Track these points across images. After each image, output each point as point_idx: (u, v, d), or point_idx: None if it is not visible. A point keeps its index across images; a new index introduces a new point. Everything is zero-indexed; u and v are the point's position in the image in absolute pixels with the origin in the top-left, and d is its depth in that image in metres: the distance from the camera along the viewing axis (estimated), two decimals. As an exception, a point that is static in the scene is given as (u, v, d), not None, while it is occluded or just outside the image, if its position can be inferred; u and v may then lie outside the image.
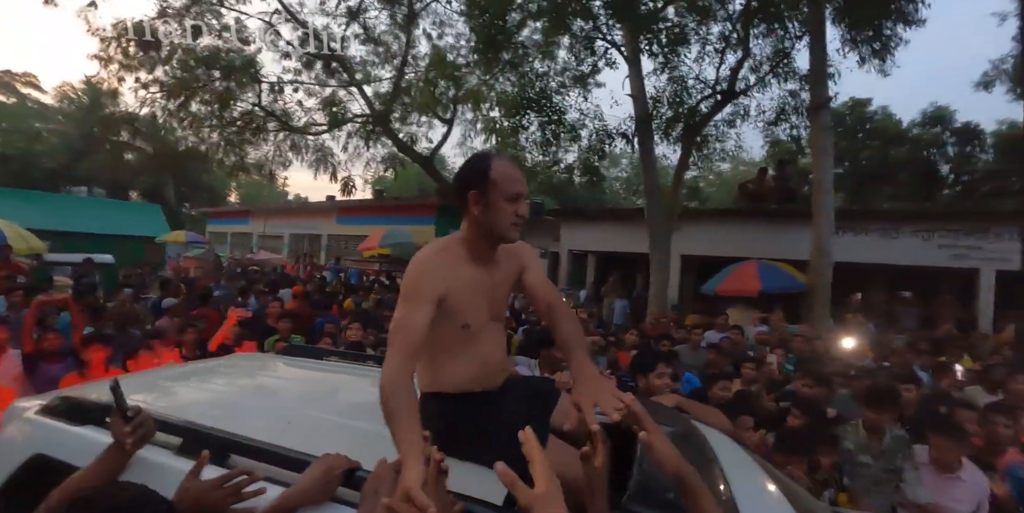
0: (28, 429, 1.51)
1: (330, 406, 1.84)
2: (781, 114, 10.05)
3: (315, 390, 2.06)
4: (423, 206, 16.09)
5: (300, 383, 2.15)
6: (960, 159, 19.38)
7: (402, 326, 1.31)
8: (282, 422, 1.51)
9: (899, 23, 9.21)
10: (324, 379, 2.22)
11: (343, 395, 2.04)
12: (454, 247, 1.46)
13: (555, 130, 9.07)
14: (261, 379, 2.19)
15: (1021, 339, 7.49)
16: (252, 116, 11.16)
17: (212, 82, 10.61)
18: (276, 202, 32.10)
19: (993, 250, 8.93)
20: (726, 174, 30.72)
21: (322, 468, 1.15)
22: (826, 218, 7.80)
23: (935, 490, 2.75)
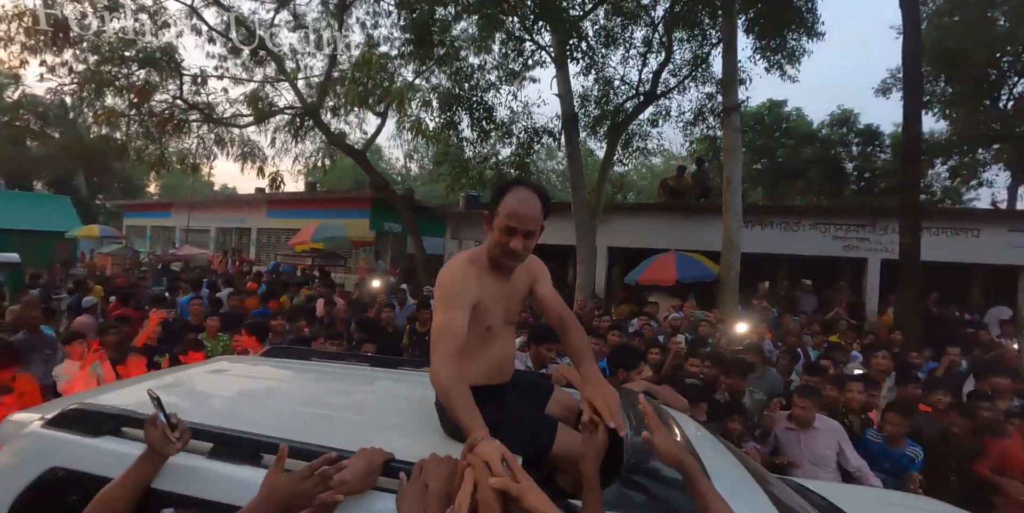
0: (39, 443, 1.46)
1: (334, 404, 1.89)
2: (699, 115, 10.72)
3: (314, 389, 2.10)
4: (357, 199, 15.86)
5: (297, 383, 2.19)
6: (862, 158, 21.13)
7: (447, 329, 1.45)
8: (297, 421, 1.56)
9: (803, 35, 10.04)
10: (319, 378, 2.27)
11: (343, 393, 2.09)
12: (480, 259, 1.62)
13: (485, 127, 9.29)
14: (258, 381, 2.20)
15: (900, 319, 8.44)
16: (173, 109, 10.64)
17: (129, 73, 10.03)
18: (201, 194, 30.57)
19: (878, 241, 10.01)
20: (658, 169, 31.98)
21: (364, 461, 1.22)
22: (735, 213, 8.48)
23: (803, 444, 3.26)
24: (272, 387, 2.14)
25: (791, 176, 20.97)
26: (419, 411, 1.73)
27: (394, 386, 2.23)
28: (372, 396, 2.12)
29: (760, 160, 21.74)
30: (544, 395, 1.91)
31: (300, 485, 1.14)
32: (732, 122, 8.72)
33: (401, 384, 2.23)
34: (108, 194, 30.26)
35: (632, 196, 30.39)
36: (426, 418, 1.65)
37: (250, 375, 2.31)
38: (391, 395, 2.10)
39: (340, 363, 2.51)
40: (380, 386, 2.25)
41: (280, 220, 17.92)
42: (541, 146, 10.04)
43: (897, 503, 2.68)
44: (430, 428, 1.60)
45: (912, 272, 8.03)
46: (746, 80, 10.17)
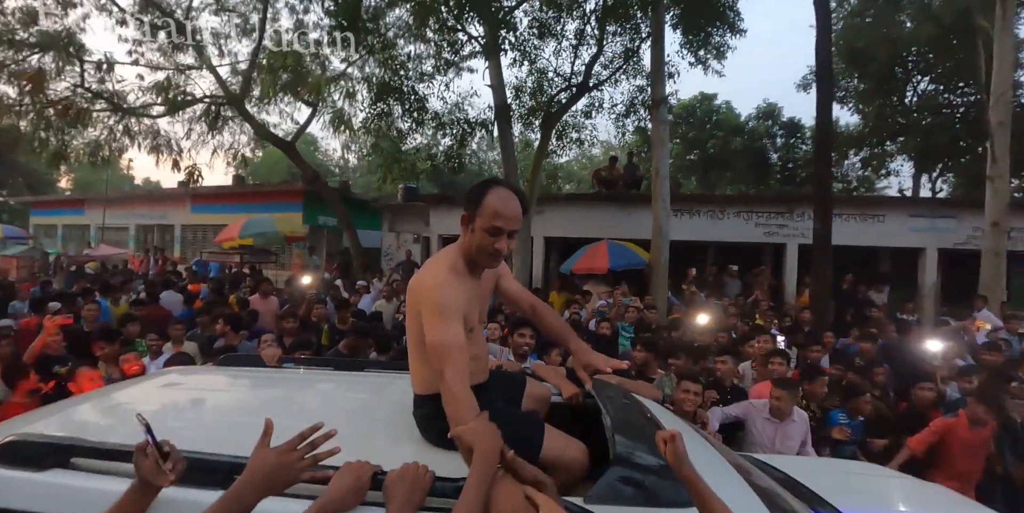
0: None
1: (306, 413, 1.78)
2: (630, 107, 10.96)
3: (282, 399, 2.00)
4: (289, 192, 15.26)
5: (262, 393, 2.09)
6: (785, 149, 22.29)
7: (452, 344, 1.42)
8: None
9: (726, 32, 10.42)
10: (284, 386, 2.17)
11: (313, 401, 2.02)
12: (457, 264, 1.57)
13: (417, 117, 9.14)
14: (219, 395, 2.09)
15: (813, 300, 9.00)
16: (75, 97, 9.79)
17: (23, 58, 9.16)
18: (119, 189, 28.56)
19: (795, 227, 10.61)
20: (597, 160, 32.56)
21: (352, 476, 1.17)
22: (663, 202, 8.75)
23: (779, 436, 3.37)
24: (237, 399, 2.03)
25: (721, 166, 21.84)
26: (395, 416, 1.68)
27: (364, 390, 2.16)
28: (345, 402, 2.04)
29: (693, 151, 22.51)
30: (519, 389, 1.92)
31: (285, 456, 1.12)
32: (660, 114, 8.97)
33: (370, 387, 2.18)
34: (11, 190, 27.78)
35: (572, 186, 30.85)
36: (404, 423, 1.62)
37: (208, 387, 2.17)
38: (363, 400, 2.04)
39: (301, 368, 2.42)
40: (351, 391, 2.17)
41: (206, 216, 17.03)
42: (480, 137, 10.01)
43: (852, 471, 2.83)
44: (409, 434, 1.56)
45: (824, 256, 8.56)
46: (674, 74, 10.45)
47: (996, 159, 9.38)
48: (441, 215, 11.76)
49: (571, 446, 1.59)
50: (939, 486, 2.80)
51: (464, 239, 1.57)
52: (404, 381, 2.20)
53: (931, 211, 11.14)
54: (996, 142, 9.39)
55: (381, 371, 2.42)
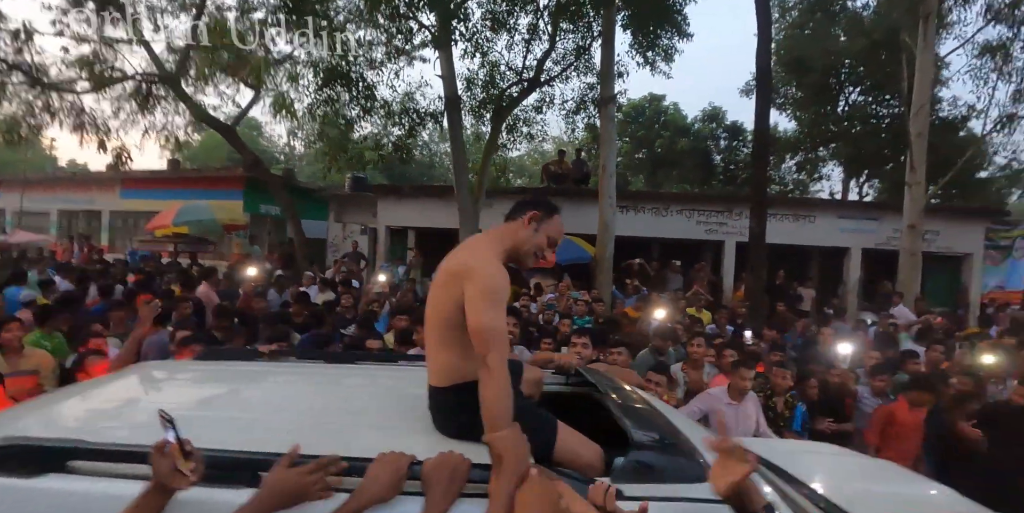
0: None
1: (314, 407, 1.73)
2: (581, 104, 11.11)
3: (285, 393, 1.93)
4: (229, 179, 14.58)
5: (261, 388, 1.99)
6: (728, 151, 23.19)
7: (500, 329, 1.43)
8: (280, 432, 1.40)
9: (674, 35, 10.70)
10: (283, 380, 2.08)
11: (317, 394, 1.93)
12: (500, 255, 1.59)
13: (366, 105, 8.94)
14: (210, 389, 1.98)
15: (749, 295, 9.45)
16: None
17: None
18: (40, 170, 26.51)
19: (734, 226, 11.09)
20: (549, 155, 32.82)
21: (390, 467, 1.18)
22: (609, 198, 8.95)
23: (739, 418, 3.53)
24: (234, 394, 1.93)
25: (668, 165, 22.50)
26: (407, 407, 1.66)
27: (366, 382, 2.13)
28: (350, 394, 1.98)
29: (641, 149, 23.08)
30: (518, 376, 1.90)
31: (304, 479, 1.11)
32: (608, 112, 9.16)
33: (371, 379, 2.14)
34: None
35: (523, 181, 30.99)
36: (416, 413, 1.60)
37: (199, 382, 2.07)
38: (367, 391, 2.00)
39: (291, 362, 2.32)
40: (352, 383, 2.12)
41: (137, 201, 16.05)
42: (432, 128, 9.89)
43: (809, 450, 2.98)
44: (417, 426, 1.55)
45: (759, 253, 8.98)
46: (623, 73, 10.67)
47: (914, 167, 10.11)
48: (389, 206, 11.57)
49: (584, 449, 1.59)
50: (892, 463, 2.98)
51: (521, 232, 1.61)
52: (400, 373, 2.27)
53: (856, 213, 11.89)
54: (915, 151, 10.12)
55: (376, 364, 2.41)
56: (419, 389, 1.65)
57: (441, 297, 1.54)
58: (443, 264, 1.60)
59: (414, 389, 1.71)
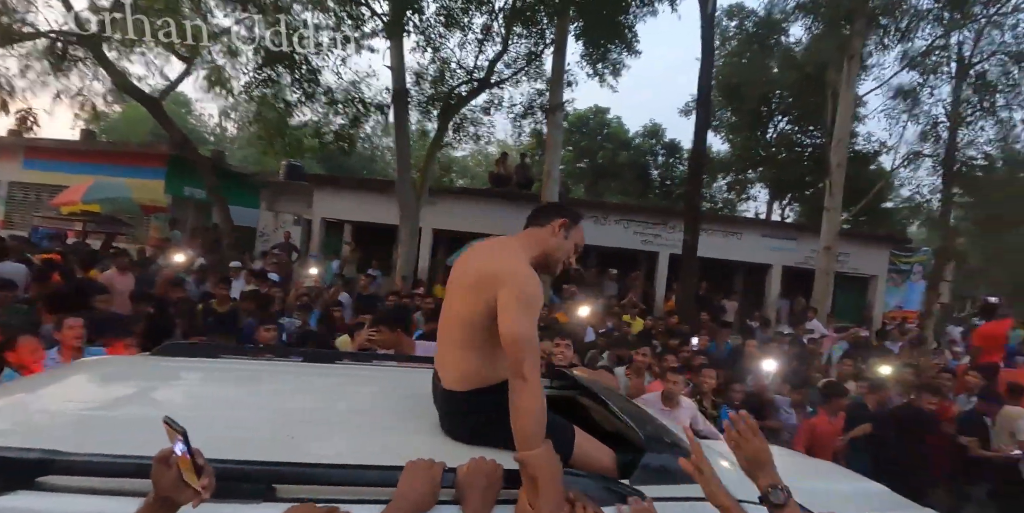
0: None
1: (307, 409, 1.62)
2: (529, 109, 11.18)
3: (271, 393, 1.78)
4: (150, 156, 13.48)
5: (245, 387, 1.84)
6: (665, 167, 24.11)
7: (534, 340, 1.40)
8: (282, 436, 1.30)
9: (623, 51, 11.01)
10: (266, 379, 1.94)
11: (311, 395, 1.80)
12: (530, 261, 1.56)
13: (308, 90, 8.57)
14: (184, 387, 1.82)
15: (680, 305, 9.83)
16: None
17: None
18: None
19: (668, 238, 11.51)
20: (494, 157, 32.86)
21: (425, 476, 1.13)
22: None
23: (672, 420, 3.59)
24: (215, 394, 1.77)
25: (608, 176, 23.11)
26: (409, 407, 1.64)
27: (358, 381, 2.05)
28: (346, 395, 1.89)
29: (583, 159, 23.58)
30: None
31: None
32: (555, 120, 9.27)
33: (361, 379, 2.07)
34: None
35: (467, 181, 30.87)
36: (419, 412, 1.59)
37: (168, 379, 1.86)
38: (362, 391, 1.92)
39: (263, 359, 2.17)
40: (343, 383, 2.02)
41: (43, 173, 14.56)
42: (376, 120, 9.61)
43: None
44: (428, 423, 1.54)
45: (691, 265, 9.38)
46: (573, 82, 10.85)
47: (832, 193, 10.88)
48: (326, 197, 11.17)
49: (601, 453, 1.56)
50: (829, 462, 3.18)
51: (551, 239, 1.61)
52: (385, 374, 2.21)
53: (779, 233, 12.66)
54: (833, 179, 10.90)
55: (357, 363, 2.30)
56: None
57: (469, 298, 1.49)
58: (473, 264, 1.56)
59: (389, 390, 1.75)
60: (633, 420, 1.64)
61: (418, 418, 1.58)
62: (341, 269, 9.91)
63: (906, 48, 12.97)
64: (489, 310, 1.44)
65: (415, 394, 1.72)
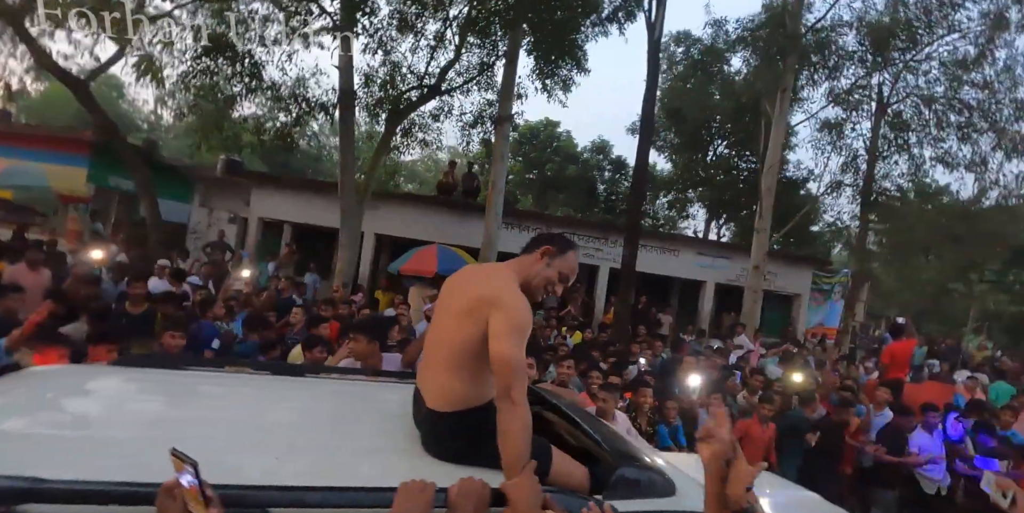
0: None
1: (284, 426, 1.57)
2: (478, 119, 11.24)
3: (254, 409, 1.69)
4: (72, 142, 12.49)
5: (225, 403, 1.74)
6: (611, 182, 24.75)
7: (523, 365, 1.45)
8: (268, 457, 1.27)
9: (573, 68, 11.26)
10: (243, 393, 1.84)
11: (293, 411, 1.74)
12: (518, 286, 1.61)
13: (250, 84, 8.29)
14: (157, 401, 1.69)
15: (617, 318, 10.07)
16: None
17: None
18: None
19: (609, 253, 11.81)
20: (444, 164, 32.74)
21: (421, 497, 1.16)
22: (496, 214, 9.11)
23: None
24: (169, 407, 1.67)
25: (555, 188, 23.50)
26: (390, 427, 1.63)
27: (334, 398, 1.98)
28: (329, 412, 1.84)
29: (532, 171, 23.89)
30: None
31: None
32: (503, 131, 9.37)
33: (335, 394, 2.02)
34: None
35: (415, 187, 30.59)
36: (399, 433, 1.59)
37: (138, 392, 1.74)
38: (339, 409, 1.87)
39: (231, 371, 2.06)
40: (318, 399, 1.94)
41: (-55, 154, 13.36)
42: (324, 120, 9.34)
43: None
44: (412, 445, 1.54)
45: (629, 280, 9.65)
46: (523, 95, 11.01)
47: (762, 216, 11.51)
48: (265, 196, 10.78)
49: (576, 470, 1.60)
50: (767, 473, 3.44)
51: (534, 267, 1.65)
52: (359, 388, 2.16)
53: (713, 251, 13.26)
54: (763, 203, 11.54)
55: (326, 376, 2.25)
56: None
57: (464, 323, 1.52)
58: (466, 289, 1.60)
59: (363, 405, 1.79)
60: (601, 436, 1.70)
61: (403, 438, 1.59)
62: (277, 271, 9.55)
63: (832, 85, 13.94)
64: (480, 334, 1.48)
65: (393, 412, 1.73)
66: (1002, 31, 12.64)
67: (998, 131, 13.38)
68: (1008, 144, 13.33)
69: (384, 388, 2.17)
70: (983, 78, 13.40)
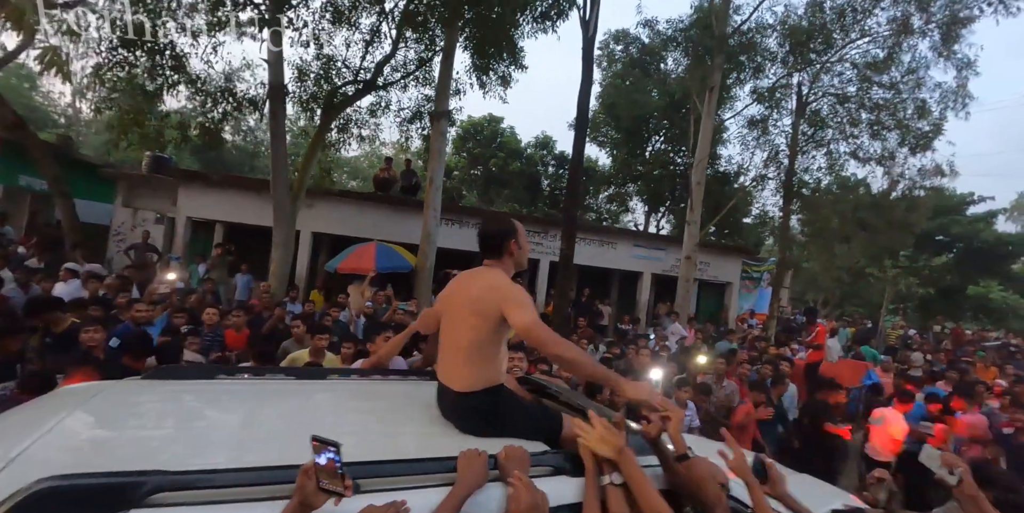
0: None
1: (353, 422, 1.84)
2: (416, 115, 11.19)
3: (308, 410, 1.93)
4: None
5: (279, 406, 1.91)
6: (555, 177, 25.12)
7: (541, 323, 1.74)
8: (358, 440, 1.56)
9: (510, 64, 11.37)
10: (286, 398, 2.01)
11: (345, 409, 2.02)
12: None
13: (170, 78, 7.93)
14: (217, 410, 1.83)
15: (557, 310, 10.30)
16: None
17: None
18: None
19: (548, 246, 12.05)
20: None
21: (478, 461, 1.49)
22: (434, 210, 9.13)
23: None
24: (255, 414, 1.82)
25: (500, 184, 23.64)
26: (424, 415, 1.92)
27: (375, 395, 2.21)
28: (378, 408, 2.03)
29: (477, 166, 23.91)
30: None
31: None
32: (440, 127, 9.37)
33: (370, 393, 2.24)
34: None
35: (358, 183, 30.03)
36: (431, 419, 1.90)
37: (200, 403, 1.86)
38: (388, 404, 2.09)
39: (261, 378, 2.23)
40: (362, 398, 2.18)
41: None
42: (254, 115, 8.99)
43: None
44: (448, 427, 1.84)
45: (567, 272, 9.89)
46: (461, 91, 11.03)
47: (693, 209, 12.03)
48: (193, 194, 10.34)
49: None
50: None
51: (515, 258, 2.01)
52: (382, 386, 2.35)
53: (648, 243, 13.74)
54: (694, 196, 12.06)
55: (346, 378, 2.43)
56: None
57: (475, 321, 1.83)
58: (468, 293, 1.88)
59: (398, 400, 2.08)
60: (596, 409, 1.99)
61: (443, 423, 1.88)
62: (208, 273, 9.22)
63: (756, 84, 14.69)
64: (489, 324, 1.81)
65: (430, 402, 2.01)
66: (907, 36, 13.68)
67: (903, 128, 14.49)
68: (912, 140, 14.46)
69: (406, 384, 2.44)
70: (890, 79, 14.46)
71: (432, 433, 1.77)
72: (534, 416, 1.89)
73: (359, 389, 2.32)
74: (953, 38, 13.03)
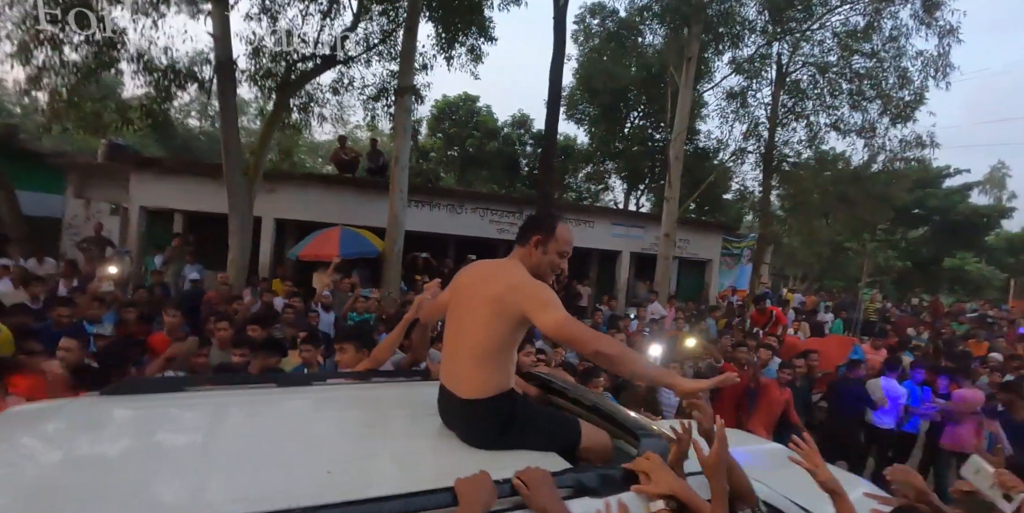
0: None
1: (329, 436, 1.63)
2: (382, 92, 10.64)
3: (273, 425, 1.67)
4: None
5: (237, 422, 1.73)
6: (533, 157, 24.62)
7: (572, 319, 1.57)
8: (319, 473, 1.33)
9: (479, 37, 10.83)
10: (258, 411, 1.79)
11: (327, 421, 1.81)
12: None
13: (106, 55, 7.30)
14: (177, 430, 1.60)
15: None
16: None
17: None
18: None
19: (523, 227, 11.71)
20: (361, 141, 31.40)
21: (481, 483, 1.28)
22: (401, 192, 8.68)
23: None
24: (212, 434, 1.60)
25: (477, 165, 23.11)
26: (424, 424, 1.75)
27: (362, 402, 2.00)
28: (359, 418, 1.85)
29: (453, 147, 23.33)
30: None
31: None
32: (404, 103, 8.87)
33: (357, 400, 2.02)
34: None
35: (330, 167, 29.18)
36: (432, 428, 1.73)
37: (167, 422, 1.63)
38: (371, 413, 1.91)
39: (232, 388, 1.97)
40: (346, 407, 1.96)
41: None
42: (179, 92, 8.33)
43: None
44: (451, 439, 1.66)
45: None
46: (428, 66, 10.50)
47: (671, 185, 11.73)
48: (146, 182, 9.75)
49: (601, 435, 1.82)
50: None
51: (532, 257, 1.79)
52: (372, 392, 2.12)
53: (627, 222, 13.45)
54: (671, 172, 11.75)
55: (332, 383, 2.18)
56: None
57: (491, 321, 1.65)
58: (484, 289, 1.69)
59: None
60: (615, 413, 1.87)
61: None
62: (165, 264, 8.73)
63: (735, 54, 14.31)
64: (508, 326, 1.65)
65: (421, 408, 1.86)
66: (888, 2, 13.33)
67: (884, 98, 14.25)
68: (893, 110, 14.24)
69: (401, 387, 2.24)
70: (871, 48, 14.15)
71: (436, 448, 1.63)
72: (550, 425, 1.74)
73: (347, 397, 2.08)
74: (935, 4, 12.72)
